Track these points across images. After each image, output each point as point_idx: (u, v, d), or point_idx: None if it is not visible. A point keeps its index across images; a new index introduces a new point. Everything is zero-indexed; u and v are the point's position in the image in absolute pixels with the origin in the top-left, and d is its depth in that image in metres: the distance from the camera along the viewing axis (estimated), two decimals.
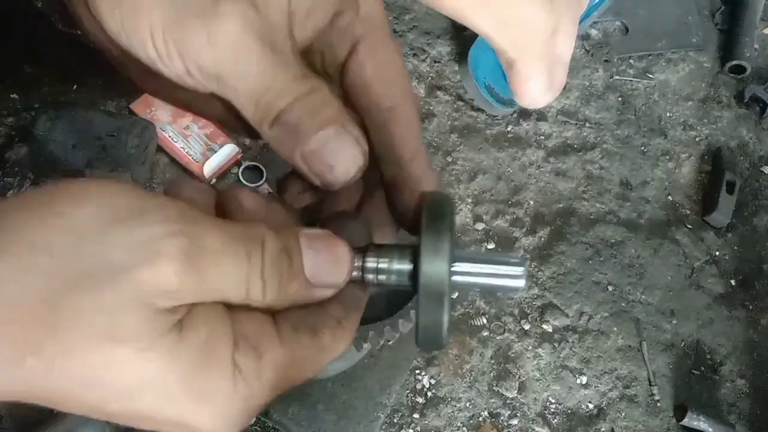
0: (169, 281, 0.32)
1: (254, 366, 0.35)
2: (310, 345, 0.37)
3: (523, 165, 1.34)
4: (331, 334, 0.38)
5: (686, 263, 1.32)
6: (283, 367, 0.36)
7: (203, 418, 0.34)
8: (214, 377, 0.34)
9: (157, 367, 0.33)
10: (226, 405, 0.34)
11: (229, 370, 0.34)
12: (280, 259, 0.36)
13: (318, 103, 0.37)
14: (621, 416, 1.18)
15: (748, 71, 1.49)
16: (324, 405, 1.03)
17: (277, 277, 0.35)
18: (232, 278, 0.34)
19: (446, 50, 1.39)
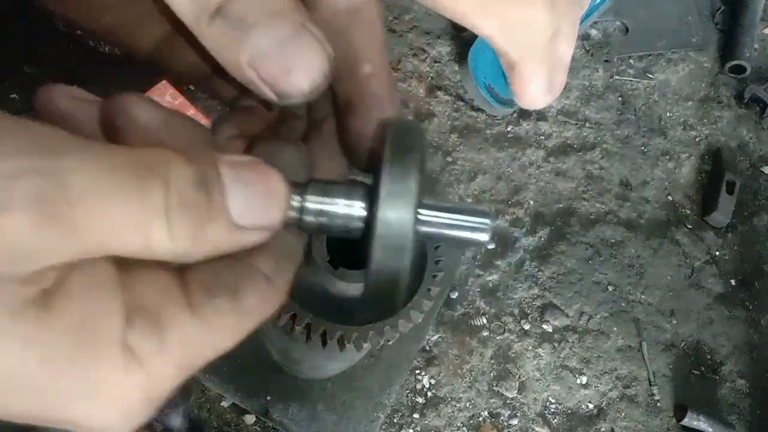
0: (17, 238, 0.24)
1: (155, 347, 0.27)
2: (230, 311, 0.29)
3: (523, 165, 1.34)
4: (259, 296, 0.30)
5: (686, 263, 1.32)
6: (195, 342, 0.28)
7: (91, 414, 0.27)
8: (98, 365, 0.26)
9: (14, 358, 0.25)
10: (118, 397, 0.27)
11: (118, 355, 0.26)
12: (194, 194, 0.27)
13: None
14: (621, 416, 1.18)
15: (748, 71, 1.49)
16: (324, 405, 1.03)
17: (190, 218, 0.27)
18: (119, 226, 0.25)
19: (446, 50, 1.39)
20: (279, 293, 0.31)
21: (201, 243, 0.27)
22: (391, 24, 1.39)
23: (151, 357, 0.27)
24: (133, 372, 0.27)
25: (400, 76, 1.35)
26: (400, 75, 1.35)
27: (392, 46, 1.37)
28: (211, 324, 0.29)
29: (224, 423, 1.05)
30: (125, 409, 0.27)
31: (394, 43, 1.37)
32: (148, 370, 0.27)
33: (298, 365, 0.99)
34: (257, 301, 0.30)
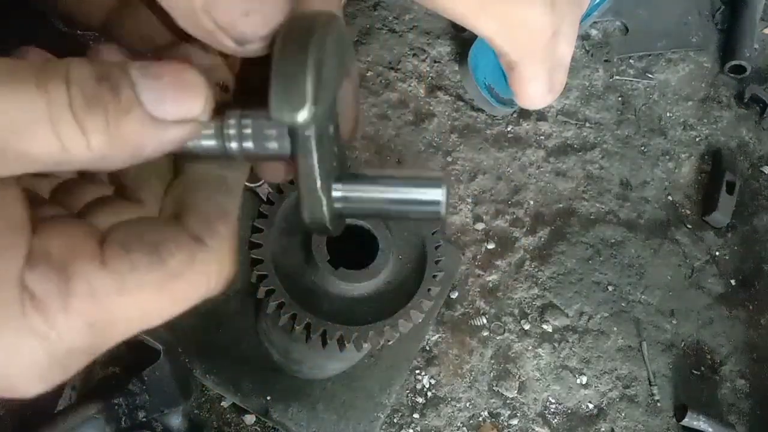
0: None
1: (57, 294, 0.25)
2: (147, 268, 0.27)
3: (523, 165, 1.34)
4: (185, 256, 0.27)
5: (686, 263, 1.32)
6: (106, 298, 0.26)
7: None
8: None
9: None
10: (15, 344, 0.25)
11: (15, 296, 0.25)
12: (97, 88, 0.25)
13: None
14: (621, 416, 1.18)
15: (748, 71, 1.49)
16: (324, 405, 1.03)
17: (99, 113, 0.25)
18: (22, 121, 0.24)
19: (446, 50, 1.39)
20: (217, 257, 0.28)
21: (118, 141, 0.26)
22: (391, 24, 1.39)
23: (53, 303, 0.25)
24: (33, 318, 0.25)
25: (400, 76, 1.35)
26: (400, 75, 1.35)
27: (392, 46, 1.37)
28: (126, 280, 0.26)
29: (224, 423, 1.05)
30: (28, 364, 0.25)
31: (394, 43, 1.38)
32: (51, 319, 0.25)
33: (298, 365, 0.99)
34: (184, 260, 0.27)
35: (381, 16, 1.39)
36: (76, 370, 0.27)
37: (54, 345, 0.26)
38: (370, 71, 1.33)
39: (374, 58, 1.35)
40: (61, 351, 0.26)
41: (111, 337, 0.27)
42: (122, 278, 0.26)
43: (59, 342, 0.26)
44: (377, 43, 1.36)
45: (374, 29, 1.37)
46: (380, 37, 1.37)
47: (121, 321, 0.27)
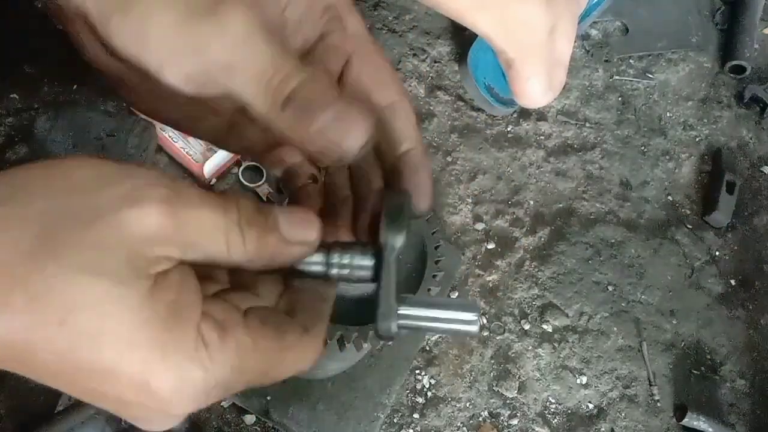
0: (151, 222, 0.35)
1: (218, 339, 0.36)
2: (274, 340, 0.39)
3: (523, 165, 1.34)
4: (297, 337, 0.40)
5: (686, 263, 1.32)
6: (246, 352, 0.38)
7: (164, 376, 0.35)
8: (179, 336, 0.35)
9: (130, 307, 0.34)
10: (187, 369, 0.35)
11: (193, 334, 0.36)
12: (256, 214, 0.39)
13: (325, 83, 0.40)
14: (621, 416, 1.18)
15: (748, 71, 1.49)
16: (324, 405, 1.03)
17: (255, 229, 0.39)
18: (211, 228, 0.37)
19: (446, 50, 1.39)
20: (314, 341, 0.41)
21: (263, 251, 0.39)
22: (391, 24, 1.39)
23: (214, 345, 0.36)
24: (201, 352, 0.36)
25: (400, 76, 1.35)
26: (400, 75, 1.35)
27: (392, 46, 1.37)
28: (259, 344, 0.38)
29: (224, 423, 1.05)
30: (190, 383, 0.36)
31: (394, 44, 1.38)
32: (212, 355, 0.36)
33: None
34: (296, 339, 0.40)
35: (381, 16, 1.39)
36: (211, 402, 0.38)
37: (209, 376, 0.36)
38: None
39: None
40: (211, 382, 0.36)
41: (238, 383, 0.38)
42: (256, 341, 0.38)
43: (212, 375, 0.36)
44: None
45: (374, 29, 1.37)
46: (380, 37, 1.37)
47: (249, 372, 0.38)
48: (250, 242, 0.38)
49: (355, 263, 0.42)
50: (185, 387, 0.36)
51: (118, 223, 0.35)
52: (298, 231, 0.40)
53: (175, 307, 0.36)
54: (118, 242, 0.35)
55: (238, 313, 0.39)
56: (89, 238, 0.34)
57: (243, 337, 0.38)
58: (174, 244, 0.36)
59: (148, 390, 0.35)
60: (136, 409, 0.37)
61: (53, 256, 0.34)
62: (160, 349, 0.35)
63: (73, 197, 0.35)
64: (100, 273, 0.34)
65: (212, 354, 0.36)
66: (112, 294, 0.34)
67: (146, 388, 0.35)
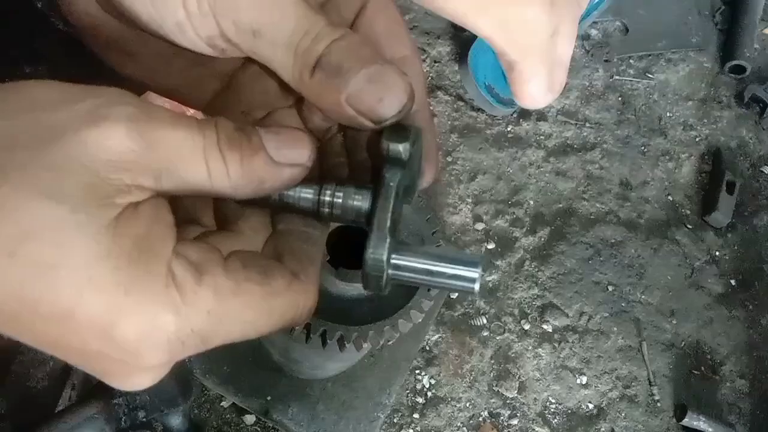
0: (115, 143, 0.31)
1: (192, 280, 0.32)
2: (258, 284, 0.35)
3: (523, 165, 1.34)
4: (285, 281, 0.36)
5: (686, 263, 1.32)
6: (226, 296, 0.33)
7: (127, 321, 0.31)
8: (146, 274, 0.31)
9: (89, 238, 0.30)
10: (156, 311, 0.31)
11: (163, 271, 0.32)
12: (237, 134, 0.35)
13: (355, 44, 0.37)
14: (621, 416, 1.18)
15: (748, 71, 1.49)
16: (324, 405, 1.03)
17: (237, 151, 0.34)
18: (186, 150, 0.33)
19: (446, 50, 1.39)
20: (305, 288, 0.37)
21: (248, 174, 0.35)
22: None
23: (187, 287, 0.32)
24: (172, 293, 0.32)
25: None
26: None
27: None
28: (240, 286, 0.34)
29: (224, 423, 1.05)
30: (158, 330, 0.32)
31: None
32: (184, 296, 0.32)
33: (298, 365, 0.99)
34: (284, 284, 0.36)
35: None
36: (188, 353, 0.34)
37: (182, 321, 0.32)
38: None
39: None
40: (185, 329, 0.32)
41: (218, 334, 0.34)
42: (238, 284, 0.34)
43: (186, 320, 0.32)
44: None
45: None
46: None
47: (229, 320, 0.34)
48: (233, 165, 0.34)
49: (348, 202, 0.38)
50: (154, 332, 0.31)
51: (78, 143, 0.31)
52: (288, 150, 0.36)
53: (142, 242, 0.32)
54: (79, 165, 0.31)
55: (218, 255, 0.35)
56: (46, 159, 0.30)
57: (222, 279, 0.33)
58: (145, 170, 0.32)
59: (111, 336, 0.31)
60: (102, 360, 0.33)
61: (5, 178, 0.30)
62: (123, 287, 0.31)
63: (29, 116, 0.32)
64: (57, 197, 0.30)
65: (185, 296, 0.32)
66: (69, 221, 0.30)
67: (109, 333, 0.31)
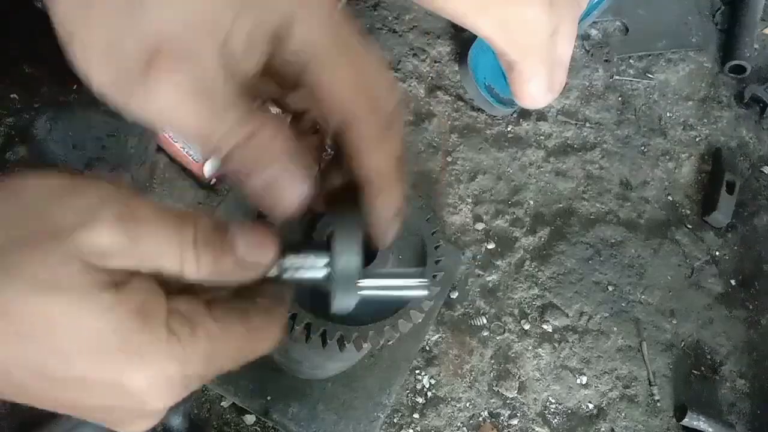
0: (103, 240, 0.35)
1: (188, 333, 0.37)
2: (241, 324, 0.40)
3: (523, 165, 1.34)
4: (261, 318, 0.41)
5: (686, 263, 1.32)
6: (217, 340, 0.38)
7: (138, 376, 0.35)
8: (149, 337, 0.36)
9: (94, 318, 0.34)
10: (161, 366, 0.36)
11: (163, 332, 0.36)
12: (214, 235, 0.39)
13: (263, 143, 0.39)
14: (621, 416, 1.18)
15: (748, 71, 1.49)
16: (324, 405, 1.03)
17: (211, 251, 0.39)
18: (165, 246, 0.37)
19: (446, 50, 1.39)
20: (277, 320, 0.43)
21: (217, 271, 0.39)
22: (391, 24, 1.39)
23: (186, 338, 0.37)
24: (174, 346, 0.36)
25: (400, 76, 1.35)
26: (400, 75, 1.35)
27: (392, 46, 1.37)
28: (229, 330, 0.39)
29: (224, 423, 1.05)
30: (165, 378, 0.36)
31: (394, 43, 1.38)
32: (185, 348, 0.37)
33: (298, 365, 0.99)
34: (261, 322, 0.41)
35: (381, 16, 1.39)
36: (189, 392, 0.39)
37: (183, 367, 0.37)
38: None
39: None
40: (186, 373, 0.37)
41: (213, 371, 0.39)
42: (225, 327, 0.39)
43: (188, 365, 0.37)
44: (377, 43, 1.36)
45: (374, 29, 1.37)
46: (380, 37, 1.37)
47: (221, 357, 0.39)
48: (204, 263, 0.38)
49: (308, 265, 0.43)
50: (163, 382, 0.36)
51: (71, 242, 0.35)
52: (254, 252, 0.40)
53: (141, 311, 0.36)
54: (73, 260, 0.35)
55: (203, 305, 0.39)
56: (41, 257, 0.34)
57: (211, 326, 0.38)
58: (128, 258, 0.36)
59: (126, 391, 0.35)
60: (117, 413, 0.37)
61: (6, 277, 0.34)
62: (133, 351, 0.35)
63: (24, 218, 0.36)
64: (56, 290, 0.34)
65: (185, 346, 0.37)
66: (72, 309, 0.34)
67: (124, 389, 0.35)
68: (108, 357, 0.35)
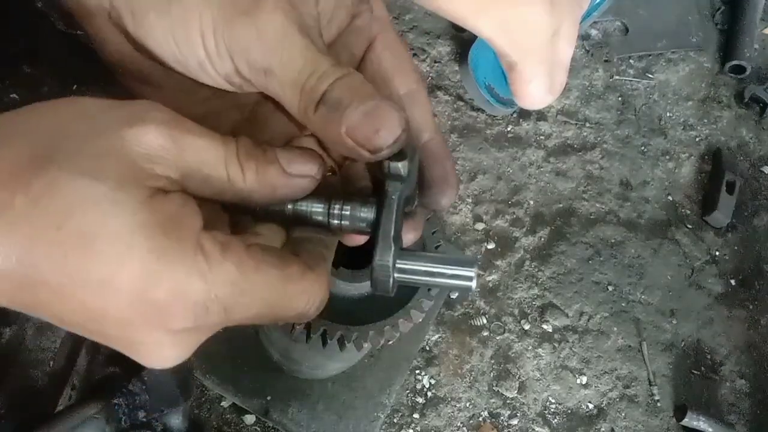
0: (149, 139, 0.36)
1: (219, 252, 0.36)
2: (276, 267, 0.39)
3: (523, 165, 1.34)
4: (300, 271, 0.40)
5: (686, 263, 1.32)
6: (248, 272, 0.37)
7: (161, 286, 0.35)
8: (178, 243, 0.35)
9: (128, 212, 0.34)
10: (185, 275, 0.35)
11: (193, 241, 0.36)
12: (254, 149, 0.40)
13: (356, 83, 0.40)
14: (621, 416, 1.18)
15: (748, 71, 1.48)
16: (324, 405, 1.03)
17: (253, 162, 0.39)
18: (210, 153, 0.38)
19: (446, 50, 1.39)
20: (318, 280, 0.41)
21: (263, 181, 0.40)
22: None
23: (214, 257, 0.36)
24: (199, 261, 0.36)
25: None
26: None
27: None
28: (260, 266, 0.38)
29: (224, 423, 1.05)
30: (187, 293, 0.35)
31: None
32: (210, 266, 0.36)
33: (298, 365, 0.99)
34: (299, 271, 0.39)
35: None
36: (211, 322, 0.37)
37: (208, 286, 0.36)
38: None
39: None
40: (210, 294, 0.36)
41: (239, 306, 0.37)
42: (258, 264, 0.38)
43: (212, 285, 0.36)
44: None
45: None
46: None
47: (249, 295, 0.38)
48: (250, 173, 0.39)
49: (356, 214, 0.42)
50: (183, 293, 0.35)
51: (117, 138, 0.36)
52: (298, 164, 0.41)
53: (174, 217, 0.36)
54: (118, 154, 0.35)
55: (241, 241, 0.39)
56: (90, 148, 0.35)
57: (245, 256, 0.37)
58: (174, 167, 0.37)
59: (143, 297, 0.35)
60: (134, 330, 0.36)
61: (55, 162, 0.34)
62: (157, 254, 0.34)
63: (76, 119, 0.37)
64: (99, 177, 0.34)
65: (212, 265, 0.36)
66: (110, 196, 0.34)
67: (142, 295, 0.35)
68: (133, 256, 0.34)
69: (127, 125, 0.36)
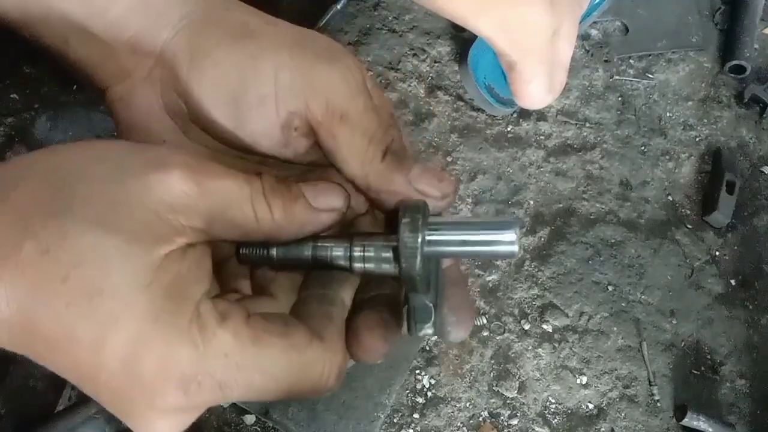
0: (175, 188, 0.34)
1: (214, 323, 0.35)
2: (278, 336, 0.37)
3: (523, 165, 1.34)
4: (305, 338, 0.38)
5: (686, 263, 1.32)
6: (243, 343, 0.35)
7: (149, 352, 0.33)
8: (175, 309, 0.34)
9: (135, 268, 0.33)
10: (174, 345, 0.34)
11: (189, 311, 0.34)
12: (279, 185, 0.39)
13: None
14: (621, 416, 1.18)
15: (748, 71, 1.48)
16: (324, 405, 1.03)
17: (280, 198, 0.39)
18: (235, 195, 0.37)
19: (446, 50, 1.39)
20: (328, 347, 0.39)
21: (291, 218, 0.39)
22: (391, 24, 1.39)
23: (209, 327, 0.34)
24: (194, 331, 0.34)
25: (400, 76, 1.35)
26: (400, 75, 1.35)
27: (392, 46, 1.37)
28: (259, 337, 0.36)
29: (224, 423, 1.05)
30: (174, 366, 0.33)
31: (394, 43, 1.38)
32: (205, 335, 0.34)
33: None
34: (304, 339, 0.37)
35: (381, 16, 1.39)
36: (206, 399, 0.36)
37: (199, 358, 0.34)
38: (370, 71, 1.33)
39: (374, 58, 1.35)
40: (201, 368, 0.34)
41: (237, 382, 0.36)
42: (257, 335, 0.36)
43: (203, 358, 0.34)
44: (377, 43, 1.36)
45: (374, 29, 1.37)
46: (380, 37, 1.37)
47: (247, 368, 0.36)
48: (277, 209, 0.38)
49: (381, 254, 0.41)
50: (171, 366, 0.33)
51: (141, 184, 0.34)
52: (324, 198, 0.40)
53: (181, 281, 0.34)
54: (140, 203, 0.34)
55: (244, 310, 0.37)
56: (108, 194, 0.33)
57: (242, 326, 0.36)
58: (199, 213, 0.36)
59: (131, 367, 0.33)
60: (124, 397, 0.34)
61: (69, 209, 0.33)
62: (153, 317, 0.33)
63: (96, 161, 0.35)
64: (113, 228, 0.33)
65: (206, 335, 0.34)
66: (122, 249, 0.32)
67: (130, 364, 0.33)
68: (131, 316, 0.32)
69: (151, 170, 0.35)
